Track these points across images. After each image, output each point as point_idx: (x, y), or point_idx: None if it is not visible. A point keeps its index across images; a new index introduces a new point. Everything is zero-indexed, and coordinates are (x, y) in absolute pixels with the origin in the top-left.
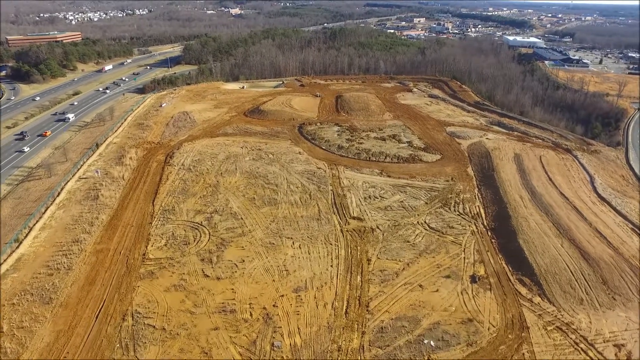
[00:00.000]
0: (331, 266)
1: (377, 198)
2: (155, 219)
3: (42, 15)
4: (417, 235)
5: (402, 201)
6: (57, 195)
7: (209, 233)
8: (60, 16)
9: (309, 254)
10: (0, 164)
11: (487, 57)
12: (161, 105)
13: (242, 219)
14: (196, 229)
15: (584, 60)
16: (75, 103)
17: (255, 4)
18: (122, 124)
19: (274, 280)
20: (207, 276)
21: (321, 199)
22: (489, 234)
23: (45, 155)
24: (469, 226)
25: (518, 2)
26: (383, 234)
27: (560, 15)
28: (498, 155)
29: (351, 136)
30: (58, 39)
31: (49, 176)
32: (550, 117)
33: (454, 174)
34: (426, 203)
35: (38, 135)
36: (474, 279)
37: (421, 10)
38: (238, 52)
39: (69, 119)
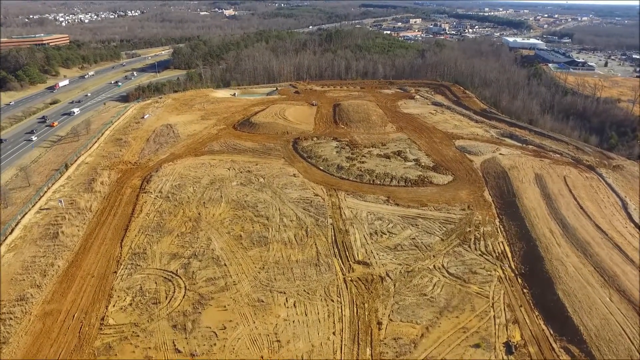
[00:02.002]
0: (333, 334)
1: (385, 234)
2: (122, 266)
3: (31, 16)
4: (434, 285)
5: (414, 238)
6: (10, 233)
7: (185, 286)
8: (50, 17)
9: (306, 315)
10: None
11: (488, 60)
12: (143, 117)
13: (225, 265)
14: (170, 280)
15: (589, 63)
16: (89, 94)
17: (250, 4)
18: (98, 139)
19: (262, 358)
20: (179, 352)
21: (319, 237)
22: (520, 281)
23: (7, 178)
24: (495, 270)
25: (513, 2)
26: (394, 285)
27: (556, 16)
28: (517, 176)
29: (352, 153)
30: (44, 42)
31: (5, 206)
32: (561, 125)
33: (470, 199)
34: (442, 239)
35: (46, 126)
36: (509, 348)
37: (417, 11)
38: (229, 56)
39: (74, 112)
